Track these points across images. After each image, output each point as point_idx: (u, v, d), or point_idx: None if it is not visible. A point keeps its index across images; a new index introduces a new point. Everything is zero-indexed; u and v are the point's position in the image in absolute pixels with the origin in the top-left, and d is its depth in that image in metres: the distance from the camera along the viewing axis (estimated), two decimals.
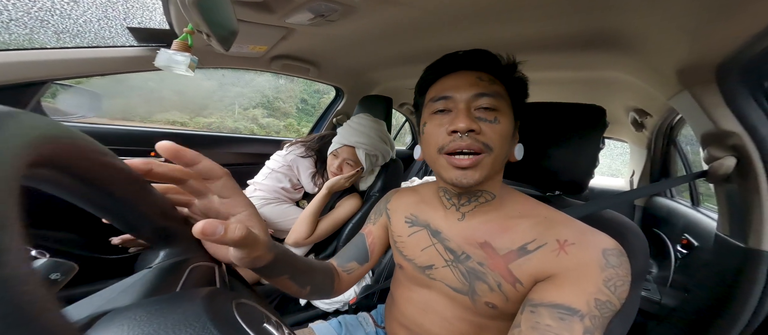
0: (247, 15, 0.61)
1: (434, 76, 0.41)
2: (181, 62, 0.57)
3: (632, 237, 0.44)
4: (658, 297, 1.05)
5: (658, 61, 0.65)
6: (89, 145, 0.17)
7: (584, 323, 0.30)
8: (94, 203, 0.19)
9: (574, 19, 0.58)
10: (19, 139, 0.11)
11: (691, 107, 0.64)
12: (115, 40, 0.73)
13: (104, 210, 0.20)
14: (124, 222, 0.21)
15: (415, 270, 0.45)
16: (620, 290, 0.32)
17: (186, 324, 0.17)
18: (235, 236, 0.23)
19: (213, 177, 0.27)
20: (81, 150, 0.16)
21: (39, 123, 0.13)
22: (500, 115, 0.37)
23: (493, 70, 0.39)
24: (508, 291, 0.37)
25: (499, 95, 0.37)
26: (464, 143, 0.35)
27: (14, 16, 0.83)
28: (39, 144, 0.12)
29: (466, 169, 0.36)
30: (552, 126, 0.50)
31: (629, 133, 1.52)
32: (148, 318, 0.17)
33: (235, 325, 0.19)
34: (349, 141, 0.89)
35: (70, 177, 0.16)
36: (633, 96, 1.08)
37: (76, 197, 0.18)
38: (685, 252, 1.08)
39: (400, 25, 0.69)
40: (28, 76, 0.63)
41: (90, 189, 0.18)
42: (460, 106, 0.37)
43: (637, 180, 1.62)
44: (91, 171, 0.17)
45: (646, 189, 1.11)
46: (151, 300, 0.20)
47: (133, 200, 0.21)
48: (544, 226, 0.38)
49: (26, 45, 0.78)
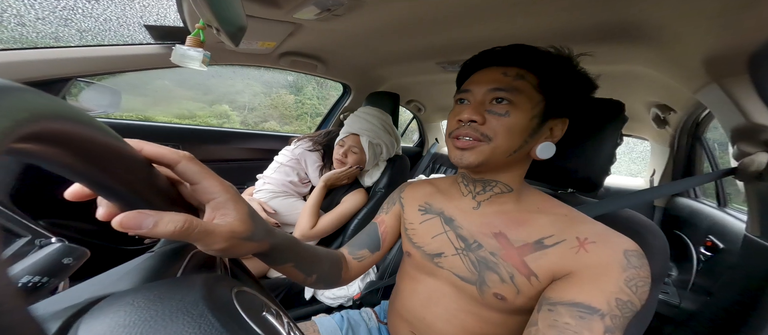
0: (255, 10, 0.62)
1: (468, 72, 0.44)
2: (194, 57, 0.59)
3: (651, 238, 0.42)
4: (677, 301, 1.00)
5: (683, 52, 0.61)
6: (91, 123, 0.16)
7: (605, 322, 0.29)
8: (95, 182, 0.19)
9: (593, 10, 0.56)
10: (10, 112, 0.11)
11: (720, 101, 0.60)
12: (133, 38, 0.77)
13: (105, 189, 0.20)
14: (125, 202, 0.21)
15: (424, 257, 0.45)
16: (641, 291, 0.32)
17: (184, 311, 0.17)
18: (166, 230, 0.20)
19: (169, 164, 0.23)
20: (82, 126, 0.15)
21: (38, 99, 0.13)
22: (513, 109, 0.37)
23: (526, 63, 0.39)
24: (522, 283, 0.37)
25: (517, 90, 0.37)
26: (464, 131, 0.39)
27: (40, 15, 0.89)
28: (35, 118, 0.12)
29: (463, 150, 0.39)
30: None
31: (650, 130, 1.44)
32: (146, 304, 0.17)
33: (233, 313, 0.18)
34: (354, 129, 0.90)
35: (71, 154, 0.16)
36: (655, 91, 1.02)
37: (76, 174, 0.18)
38: (709, 254, 1.02)
39: (409, 19, 0.68)
40: (55, 73, 0.67)
41: (90, 168, 0.17)
42: (476, 99, 0.39)
43: (658, 179, 1.54)
44: (93, 150, 0.17)
45: (668, 188, 1.04)
46: (151, 286, 0.19)
47: (134, 181, 0.20)
48: (564, 224, 0.37)
49: (52, 43, 0.82)
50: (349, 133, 0.91)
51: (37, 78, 0.65)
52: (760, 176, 0.55)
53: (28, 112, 0.12)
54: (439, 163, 2.08)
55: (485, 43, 0.43)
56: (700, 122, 1.24)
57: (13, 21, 0.90)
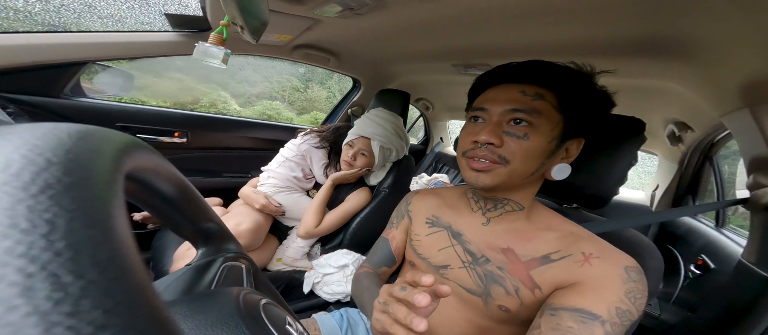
0: (278, 5, 0.60)
1: (482, 87, 0.42)
2: (216, 55, 0.59)
3: (649, 258, 0.44)
4: (658, 313, 1.03)
5: (721, 73, 0.59)
6: (154, 154, 0.18)
7: (605, 328, 0.31)
8: (149, 204, 0.21)
9: (633, 23, 0.53)
10: (115, 152, 0.12)
11: (747, 127, 0.59)
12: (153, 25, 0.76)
13: (155, 210, 0.22)
14: (170, 221, 0.24)
15: (429, 268, 0.47)
16: (639, 302, 0.34)
17: (222, 322, 0.19)
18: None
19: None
20: (148, 158, 0.17)
21: (121, 137, 0.14)
22: (533, 132, 0.36)
23: (545, 81, 0.37)
24: (525, 296, 0.38)
25: (537, 112, 0.36)
26: (481, 153, 0.38)
27: (65, 1, 0.87)
28: (128, 155, 0.13)
29: (479, 172, 0.38)
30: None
31: (662, 145, 1.43)
32: (191, 314, 0.19)
33: (262, 325, 0.20)
34: (366, 132, 0.90)
35: (135, 183, 0.18)
36: (678, 108, 1.00)
37: (135, 199, 0.20)
38: (699, 272, 1.04)
39: (430, 20, 0.66)
40: (71, 57, 0.66)
41: (148, 193, 0.20)
42: (492, 119, 0.38)
43: (659, 194, 1.55)
44: (153, 177, 0.19)
45: (674, 213, 1.05)
46: (191, 297, 0.22)
47: (180, 203, 0.23)
48: (570, 240, 0.39)
49: (73, 28, 0.81)
50: (359, 136, 0.91)
51: (52, 61, 0.64)
52: None
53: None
54: (442, 162, 2.08)
55: (507, 49, 0.42)
56: (715, 143, 1.23)
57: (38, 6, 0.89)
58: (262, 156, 1.09)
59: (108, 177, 0.10)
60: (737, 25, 0.47)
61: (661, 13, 0.49)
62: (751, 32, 0.46)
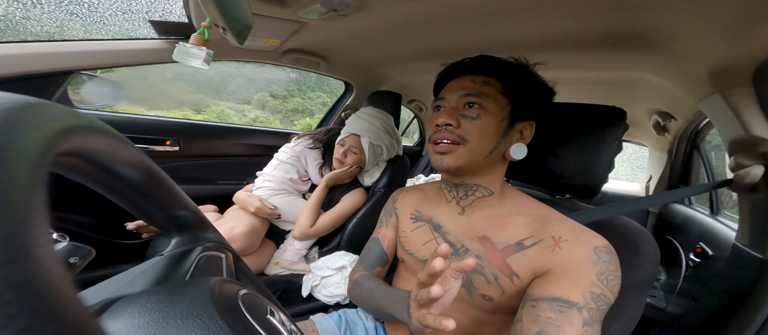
0: (261, 8, 0.61)
1: (442, 82, 0.47)
2: (197, 55, 0.59)
3: (643, 244, 0.44)
4: (664, 305, 1.03)
5: (689, 61, 0.61)
6: (110, 135, 0.17)
7: (582, 315, 0.32)
8: (113, 190, 0.20)
9: (601, 17, 0.56)
10: (47, 130, 0.11)
11: (722, 111, 0.60)
12: (138, 33, 0.76)
13: (121, 197, 0.21)
14: (138, 208, 0.22)
15: (416, 263, 0.48)
16: (612, 284, 0.34)
17: (194, 313, 0.18)
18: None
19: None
20: (103, 140, 0.16)
21: (65, 114, 0.13)
22: (484, 113, 0.41)
23: (491, 71, 0.43)
24: (505, 284, 0.39)
25: (485, 95, 0.41)
26: (442, 134, 0.42)
27: (46, 9, 0.87)
28: (66, 134, 0.13)
29: (443, 154, 0.42)
30: (566, 128, 0.49)
31: (649, 136, 1.45)
32: (158, 306, 0.18)
33: (240, 316, 0.19)
34: (355, 129, 0.90)
35: (93, 165, 0.17)
36: (658, 98, 1.03)
37: (96, 184, 0.19)
38: (698, 260, 1.05)
39: (414, 20, 0.68)
40: (56, 66, 0.66)
41: (109, 177, 0.19)
42: (450, 104, 0.43)
43: (654, 185, 1.56)
44: (112, 160, 0.18)
45: (665, 197, 1.07)
46: (162, 288, 0.20)
47: (148, 188, 0.22)
48: (541, 224, 0.40)
49: (56, 37, 0.81)
50: (349, 133, 0.91)
51: (38, 71, 0.64)
52: (753, 188, 0.56)
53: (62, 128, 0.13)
54: None
55: (490, 45, 0.44)
56: (700, 131, 1.25)
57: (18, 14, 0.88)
58: (256, 162, 1.09)
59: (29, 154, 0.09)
60: (691, 16, 0.49)
61: (624, 7, 0.51)
62: (708, 22, 0.49)
